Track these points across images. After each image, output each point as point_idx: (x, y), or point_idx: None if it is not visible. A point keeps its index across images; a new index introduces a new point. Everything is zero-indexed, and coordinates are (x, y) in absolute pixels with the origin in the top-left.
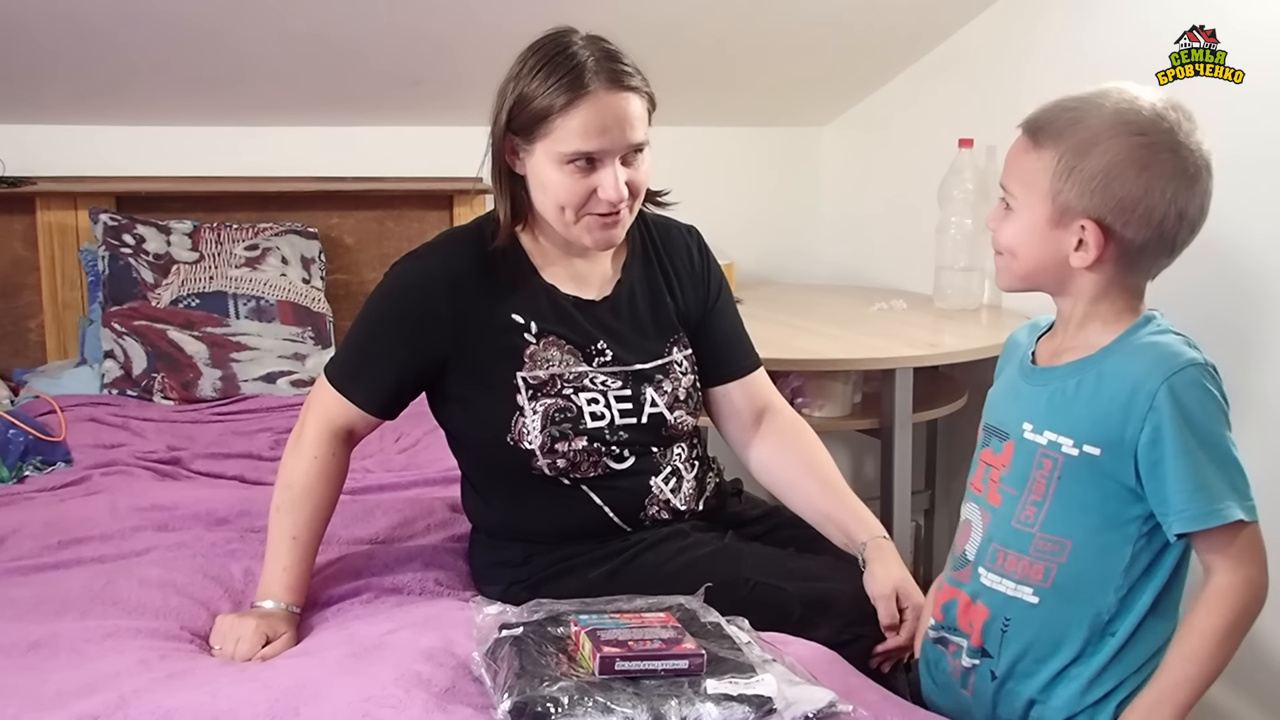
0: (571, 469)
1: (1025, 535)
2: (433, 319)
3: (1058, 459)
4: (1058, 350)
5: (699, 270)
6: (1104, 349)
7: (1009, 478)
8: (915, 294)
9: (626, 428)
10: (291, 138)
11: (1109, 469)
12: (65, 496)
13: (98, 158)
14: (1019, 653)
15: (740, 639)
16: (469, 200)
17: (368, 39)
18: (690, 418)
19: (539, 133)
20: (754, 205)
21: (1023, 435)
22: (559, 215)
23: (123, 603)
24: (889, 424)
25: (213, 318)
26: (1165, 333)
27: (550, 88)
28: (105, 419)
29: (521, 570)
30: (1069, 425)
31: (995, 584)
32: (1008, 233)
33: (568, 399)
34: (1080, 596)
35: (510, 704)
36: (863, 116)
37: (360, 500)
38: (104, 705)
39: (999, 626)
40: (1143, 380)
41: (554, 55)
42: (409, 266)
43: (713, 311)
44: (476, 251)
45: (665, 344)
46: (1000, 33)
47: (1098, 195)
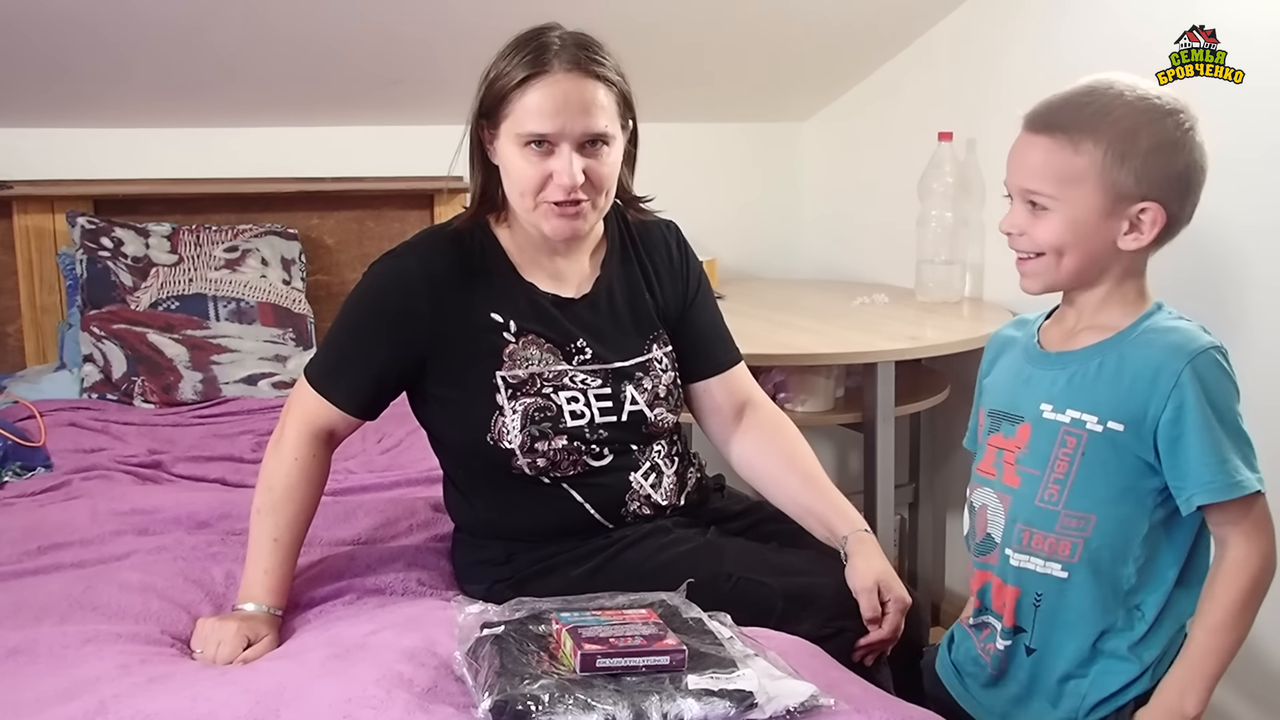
0: (551, 468)
1: (1050, 513)
2: (411, 317)
3: (1082, 436)
4: (1070, 334)
5: (678, 266)
6: (1122, 332)
7: (1028, 458)
8: (897, 288)
9: (606, 426)
10: (270, 138)
11: (1130, 444)
12: (45, 502)
13: (75, 161)
14: (1052, 626)
15: (722, 634)
16: (449, 200)
17: (346, 39)
18: (671, 415)
19: (502, 114)
20: (735, 201)
21: (1041, 416)
22: (520, 201)
23: (102, 607)
24: (872, 418)
25: (192, 320)
26: (1180, 319)
27: (513, 66)
28: (85, 423)
29: (504, 569)
30: (1093, 403)
31: (1023, 563)
32: (1049, 232)
33: (547, 398)
34: (1104, 568)
35: (491, 703)
36: (843, 111)
37: (342, 501)
38: (83, 711)
39: (1031, 602)
40: (1167, 361)
41: (526, 40)
42: (387, 265)
43: (692, 306)
44: (455, 250)
45: (645, 341)
46: (978, 26)
47: (1153, 175)
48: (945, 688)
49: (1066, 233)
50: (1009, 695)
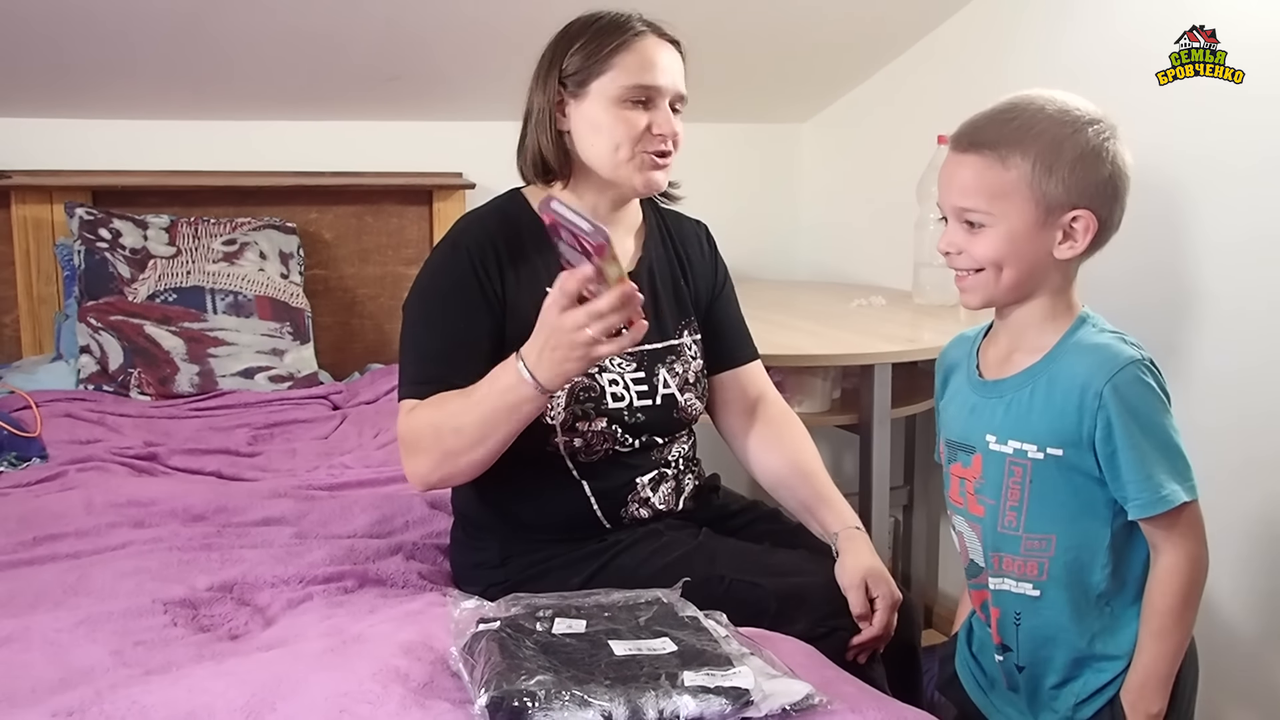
0: (585, 450)
1: (1014, 538)
2: (489, 283)
3: (1026, 465)
4: (1005, 356)
5: (709, 259)
6: (1049, 353)
7: (984, 488)
8: (894, 290)
9: (644, 409)
10: (270, 132)
11: (1074, 464)
12: (40, 492)
13: (74, 151)
14: (1033, 643)
15: (718, 633)
16: (449, 195)
17: (347, 33)
18: (699, 402)
19: (596, 72)
20: (734, 202)
21: (988, 447)
22: (611, 155)
23: (96, 592)
24: (868, 420)
25: (190, 313)
26: (1103, 332)
27: (607, 30)
28: (81, 414)
29: (499, 572)
30: (1030, 433)
31: (999, 585)
32: (986, 247)
33: (592, 378)
34: (1072, 582)
35: (487, 699)
36: (842, 113)
37: (339, 497)
38: (79, 701)
39: (1012, 621)
40: (1089, 381)
41: (595, 17)
42: (447, 250)
43: (718, 299)
44: (505, 228)
45: (677, 325)
46: (979, 29)
47: (1081, 184)
48: (963, 686)
49: (1003, 246)
50: (1012, 698)
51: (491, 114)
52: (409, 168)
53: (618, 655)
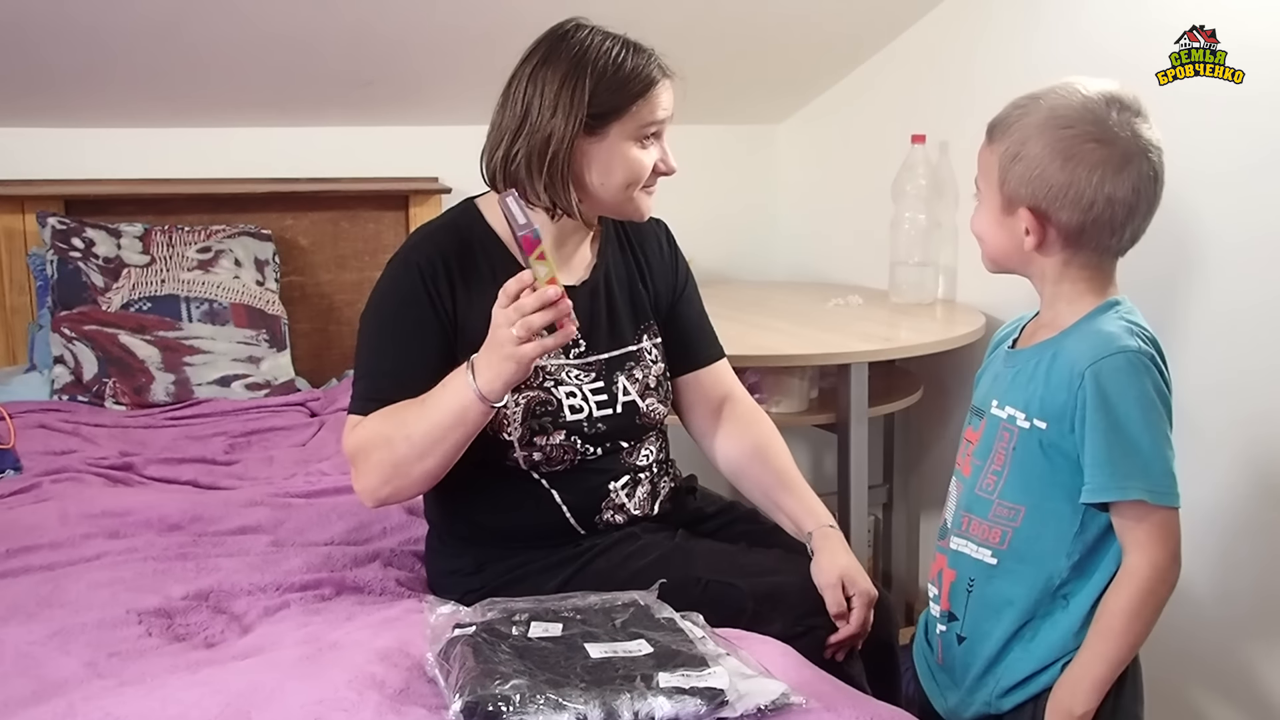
0: (546, 462)
1: (986, 502)
2: (439, 299)
3: (1014, 431)
4: (1035, 331)
5: (668, 260)
6: (1065, 330)
7: (978, 450)
8: (871, 289)
9: (604, 419)
10: (244, 139)
11: (1055, 442)
12: (14, 504)
13: (45, 160)
14: (979, 612)
15: (694, 634)
16: (425, 200)
17: (320, 39)
18: (661, 406)
19: (617, 115)
20: (710, 203)
21: (990, 411)
22: (622, 192)
23: (70, 604)
24: (845, 419)
25: (165, 321)
26: (1120, 320)
27: (633, 77)
28: (55, 425)
29: (474, 579)
30: (1024, 401)
31: (961, 546)
32: (976, 221)
33: (549, 392)
34: (1031, 559)
35: (462, 704)
36: (817, 114)
37: (316, 504)
38: (52, 714)
39: (964, 587)
40: (1077, 362)
41: (624, 45)
42: (401, 257)
43: (680, 300)
44: (457, 244)
45: (637, 330)
46: (952, 29)
47: (1032, 184)
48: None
49: (980, 224)
50: (947, 681)
51: (466, 118)
52: (384, 173)
53: (593, 658)
